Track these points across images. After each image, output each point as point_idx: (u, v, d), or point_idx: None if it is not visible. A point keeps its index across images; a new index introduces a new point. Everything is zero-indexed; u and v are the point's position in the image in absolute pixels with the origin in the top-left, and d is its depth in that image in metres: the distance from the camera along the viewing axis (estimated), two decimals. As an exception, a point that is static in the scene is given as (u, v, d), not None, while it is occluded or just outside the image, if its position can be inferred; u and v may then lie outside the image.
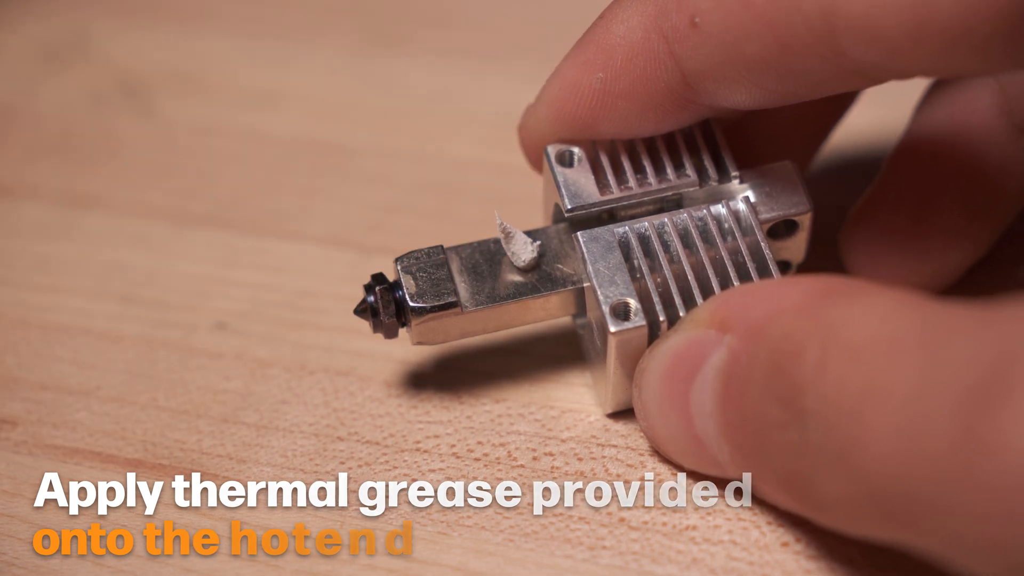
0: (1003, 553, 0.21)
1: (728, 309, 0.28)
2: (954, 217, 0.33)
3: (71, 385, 0.35)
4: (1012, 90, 0.33)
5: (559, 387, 0.33)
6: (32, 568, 0.30)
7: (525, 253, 0.32)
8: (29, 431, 0.34)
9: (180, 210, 0.40)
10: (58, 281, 0.38)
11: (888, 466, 0.23)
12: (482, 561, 0.30)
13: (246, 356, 0.35)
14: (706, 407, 0.28)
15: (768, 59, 0.28)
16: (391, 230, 0.39)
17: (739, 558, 0.29)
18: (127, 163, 0.42)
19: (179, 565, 0.30)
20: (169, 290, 0.38)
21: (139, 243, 0.39)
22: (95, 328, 0.36)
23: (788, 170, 0.33)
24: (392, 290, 0.31)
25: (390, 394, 0.34)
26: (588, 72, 0.31)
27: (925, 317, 0.23)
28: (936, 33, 0.25)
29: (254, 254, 0.38)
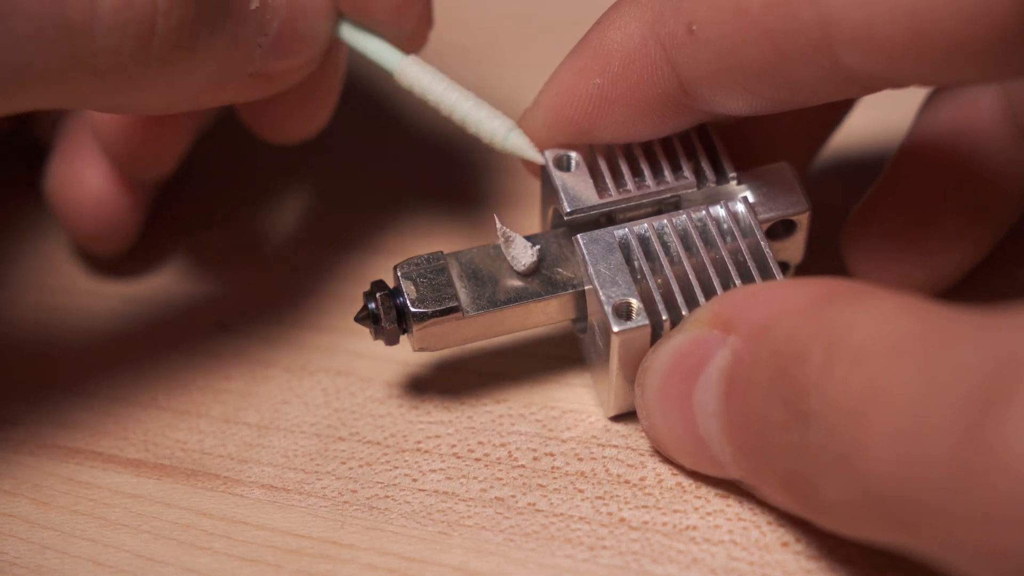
0: (1003, 558, 0.21)
1: (732, 310, 0.28)
2: (955, 219, 0.33)
3: (72, 385, 0.35)
4: (1015, 94, 0.33)
5: (560, 388, 0.34)
6: (33, 568, 0.30)
7: (525, 257, 0.32)
8: (30, 431, 0.34)
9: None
10: (59, 281, 0.38)
11: (889, 469, 0.23)
12: (483, 561, 0.30)
13: (247, 356, 0.35)
14: (709, 407, 0.28)
15: (765, 67, 0.28)
16: (390, 233, 0.39)
17: (739, 558, 0.29)
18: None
19: (179, 565, 0.30)
20: (171, 290, 0.38)
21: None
22: (97, 327, 0.37)
23: (785, 171, 0.33)
24: (393, 296, 0.31)
25: (391, 394, 0.34)
26: (585, 78, 0.31)
27: (928, 321, 0.24)
28: (934, 43, 0.25)
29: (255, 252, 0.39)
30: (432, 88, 0.33)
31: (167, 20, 0.27)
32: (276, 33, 0.31)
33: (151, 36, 0.27)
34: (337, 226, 0.39)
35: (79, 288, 0.38)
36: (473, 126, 0.32)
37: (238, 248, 0.39)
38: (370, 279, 0.32)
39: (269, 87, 0.32)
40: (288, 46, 0.32)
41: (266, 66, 0.31)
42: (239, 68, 0.31)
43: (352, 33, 0.33)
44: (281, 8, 0.31)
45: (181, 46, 0.28)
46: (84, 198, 0.36)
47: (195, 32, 0.28)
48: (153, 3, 0.27)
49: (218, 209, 0.40)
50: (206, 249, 0.39)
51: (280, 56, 0.32)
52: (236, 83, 0.31)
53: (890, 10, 0.25)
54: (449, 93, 0.33)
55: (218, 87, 0.30)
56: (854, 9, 0.25)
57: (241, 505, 0.32)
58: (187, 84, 0.29)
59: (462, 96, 0.32)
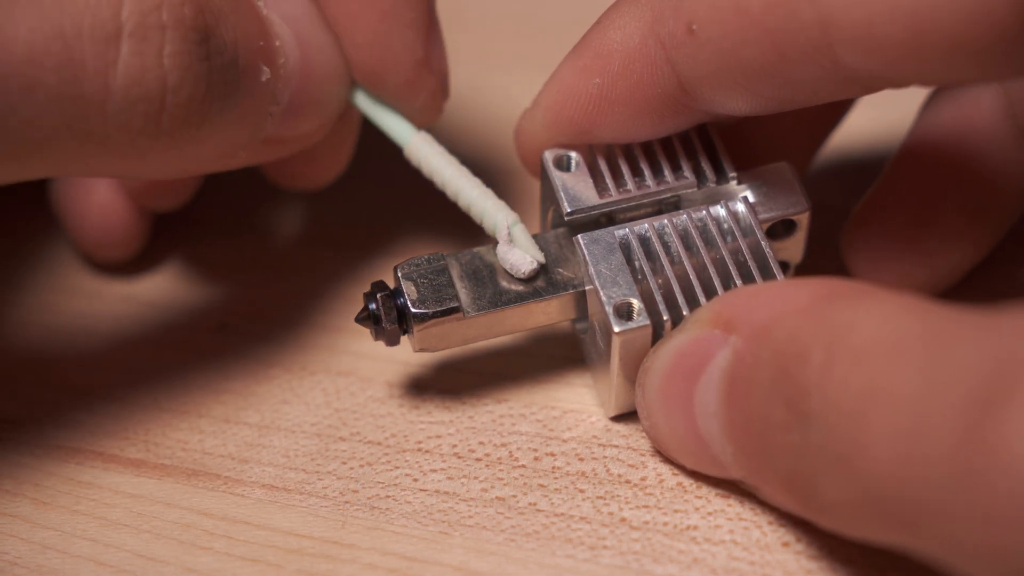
0: (1003, 558, 0.21)
1: (733, 310, 0.28)
2: (956, 219, 0.33)
3: (73, 385, 0.35)
4: (1015, 93, 0.33)
5: (561, 387, 0.34)
6: (34, 568, 0.30)
7: (524, 266, 0.32)
8: (31, 431, 0.34)
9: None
10: (60, 281, 0.38)
11: (889, 469, 0.23)
12: (483, 561, 0.30)
13: (247, 356, 0.35)
14: (710, 407, 0.28)
15: (765, 67, 0.28)
16: (390, 233, 0.39)
17: (740, 558, 0.29)
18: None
19: (180, 565, 0.30)
20: (172, 290, 0.38)
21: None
22: (98, 328, 0.37)
23: (784, 171, 0.33)
24: (393, 297, 0.31)
25: (392, 394, 0.34)
26: (585, 77, 0.31)
27: (929, 321, 0.24)
28: (934, 43, 0.25)
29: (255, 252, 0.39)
30: (440, 171, 0.33)
31: (176, 97, 0.28)
32: (288, 102, 0.31)
33: (161, 112, 0.28)
34: (338, 227, 0.39)
35: (80, 288, 0.38)
36: (477, 215, 0.33)
37: (239, 248, 0.39)
38: (370, 280, 0.32)
39: (283, 150, 0.33)
40: (300, 113, 0.32)
41: (279, 132, 0.32)
42: (250, 137, 0.31)
43: (366, 102, 0.34)
44: (293, 78, 0.31)
45: (190, 122, 0.28)
46: (90, 207, 0.37)
47: (204, 108, 0.29)
48: (163, 80, 0.27)
49: (219, 210, 0.40)
50: (207, 250, 0.39)
51: (292, 122, 0.32)
52: (248, 150, 0.31)
53: (890, 10, 0.25)
54: (456, 180, 0.33)
55: (229, 155, 0.31)
56: (854, 9, 0.25)
57: (242, 505, 0.32)
58: (196, 154, 0.30)
59: (468, 184, 0.33)
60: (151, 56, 0.27)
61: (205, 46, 0.28)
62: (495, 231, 0.32)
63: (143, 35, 0.27)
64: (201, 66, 0.28)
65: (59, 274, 0.38)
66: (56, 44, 0.26)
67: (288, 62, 0.31)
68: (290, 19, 0.32)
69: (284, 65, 0.31)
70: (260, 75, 0.30)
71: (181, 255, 0.39)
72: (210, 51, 0.28)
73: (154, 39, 0.27)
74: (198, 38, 0.28)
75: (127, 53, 0.27)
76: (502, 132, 0.38)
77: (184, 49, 0.28)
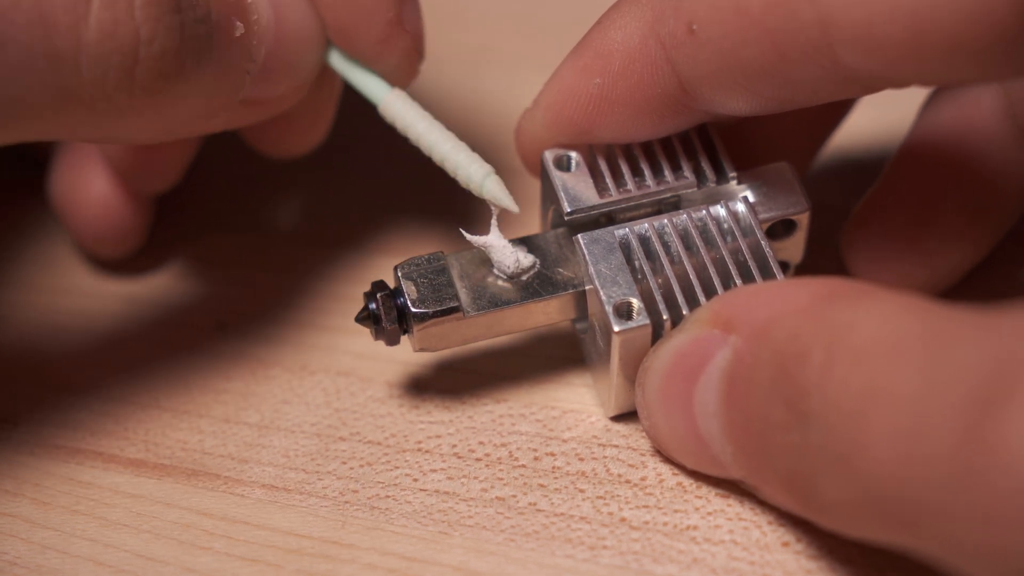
0: (1002, 558, 0.21)
1: (732, 309, 0.28)
2: (956, 219, 0.33)
3: (73, 385, 0.35)
4: (1015, 94, 0.33)
5: (560, 387, 0.34)
6: (33, 568, 0.30)
7: (509, 261, 0.32)
8: (31, 431, 0.34)
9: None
10: (60, 281, 0.38)
11: (889, 469, 0.23)
12: (483, 561, 0.30)
13: (247, 356, 0.35)
14: (709, 407, 0.28)
15: (765, 67, 0.28)
16: (390, 233, 0.39)
17: (740, 558, 0.29)
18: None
19: (180, 565, 0.30)
20: (171, 290, 0.38)
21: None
22: (98, 328, 0.37)
23: (784, 171, 0.33)
24: (393, 297, 0.31)
25: (392, 394, 0.34)
26: (585, 77, 0.31)
27: (929, 321, 0.24)
28: (934, 43, 0.25)
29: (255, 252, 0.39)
30: (413, 126, 0.33)
31: (150, 49, 0.28)
32: (264, 60, 0.31)
33: (135, 65, 0.28)
34: (338, 226, 0.39)
35: (80, 288, 0.38)
36: (451, 168, 0.32)
37: (239, 248, 0.39)
38: (370, 279, 0.32)
39: (262, 112, 0.33)
40: (277, 73, 0.32)
41: (256, 92, 0.32)
42: (228, 95, 0.31)
43: (341, 62, 0.34)
44: (267, 35, 0.31)
45: (165, 75, 0.28)
46: (89, 202, 0.37)
47: (179, 61, 0.28)
48: (135, 33, 0.27)
49: (219, 209, 0.40)
50: (207, 249, 0.39)
51: (269, 82, 0.32)
52: (227, 110, 0.31)
53: (890, 10, 0.25)
54: (429, 133, 0.33)
55: (209, 115, 0.31)
56: (854, 9, 0.25)
57: (242, 505, 0.32)
58: (176, 113, 0.30)
59: (442, 137, 0.32)
60: (122, 9, 0.27)
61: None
62: (468, 184, 0.32)
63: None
64: (173, 18, 0.28)
65: (59, 274, 0.38)
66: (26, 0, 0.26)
67: (261, 19, 0.31)
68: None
69: (257, 21, 0.31)
70: (234, 30, 0.30)
71: (181, 255, 0.39)
72: (181, 4, 0.28)
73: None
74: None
75: (98, 7, 0.27)
76: (502, 131, 0.38)
77: (155, 1, 0.27)
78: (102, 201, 0.37)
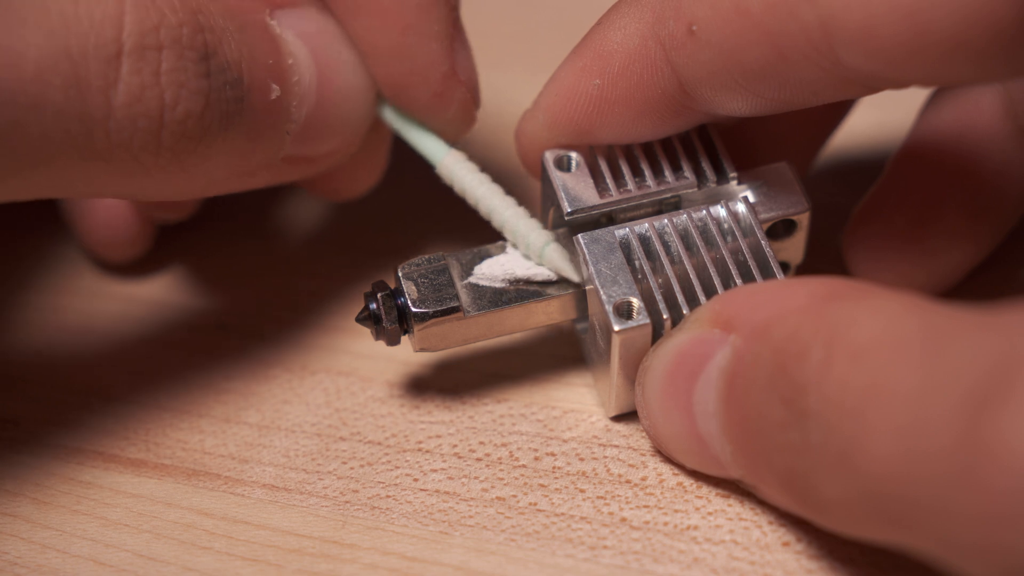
0: (1001, 556, 0.22)
1: (732, 309, 0.28)
2: (956, 219, 0.33)
3: (74, 385, 0.35)
4: (1016, 94, 0.33)
5: (561, 387, 0.34)
6: (34, 567, 0.30)
7: (498, 273, 0.32)
8: (31, 431, 0.34)
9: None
10: (61, 281, 0.38)
11: (888, 467, 0.23)
12: (483, 560, 0.30)
13: (248, 356, 0.35)
14: (709, 406, 0.28)
15: (765, 68, 0.28)
16: (391, 233, 0.39)
17: (740, 558, 0.29)
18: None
19: (180, 564, 0.30)
20: (172, 290, 0.38)
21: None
22: (98, 327, 0.37)
23: (785, 171, 0.33)
24: (394, 296, 0.31)
25: (392, 394, 0.34)
26: (585, 78, 0.31)
27: (928, 319, 0.24)
28: (934, 43, 0.25)
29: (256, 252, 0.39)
30: (472, 190, 0.33)
31: (173, 114, 0.28)
32: (306, 120, 0.31)
33: (160, 129, 0.28)
34: (338, 226, 0.39)
35: (81, 289, 0.38)
36: (510, 236, 0.32)
37: (240, 248, 0.39)
38: (371, 279, 0.32)
39: (309, 168, 0.33)
40: (322, 132, 0.32)
41: (299, 151, 0.32)
42: (266, 155, 0.31)
43: (395, 119, 0.34)
44: (308, 95, 0.31)
45: (190, 137, 0.29)
46: (98, 207, 0.37)
47: (204, 125, 0.29)
48: (160, 97, 0.28)
49: (220, 210, 0.40)
50: (208, 250, 0.39)
51: (313, 141, 0.32)
52: (267, 169, 0.32)
53: (890, 10, 0.25)
54: (489, 199, 0.33)
55: (247, 173, 0.31)
56: (854, 10, 0.25)
57: (242, 505, 0.32)
58: (207, 172, 0.30)
59: (502, 204, 0.32)
60: (149, 74, 0.28)
61: (205, 64, 0.29)
62: (527, 251, 0.32)
63: (141, 54, 0.28)
64: (199, 83, 0.29)
65: (61, 274, 0.38)
66: (63, 63, 0.27)
67: (303, 80, 0.31)
68: (306, 37, 0.32)
69: (298, 83, 0.31)
70: (270, 93, 0.30)
71: (182, 255, 0.39)
72: (211, 69, 0.29)
73: (151, 58, 0.28)
74: (196, 56, 0.28)
75: (127, 72, 0.28)
76: (503, 132, 0.38)
77: (180, 67, 0.28)
78: (111, 207, 0.37)
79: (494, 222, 0.33)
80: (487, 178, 0.33)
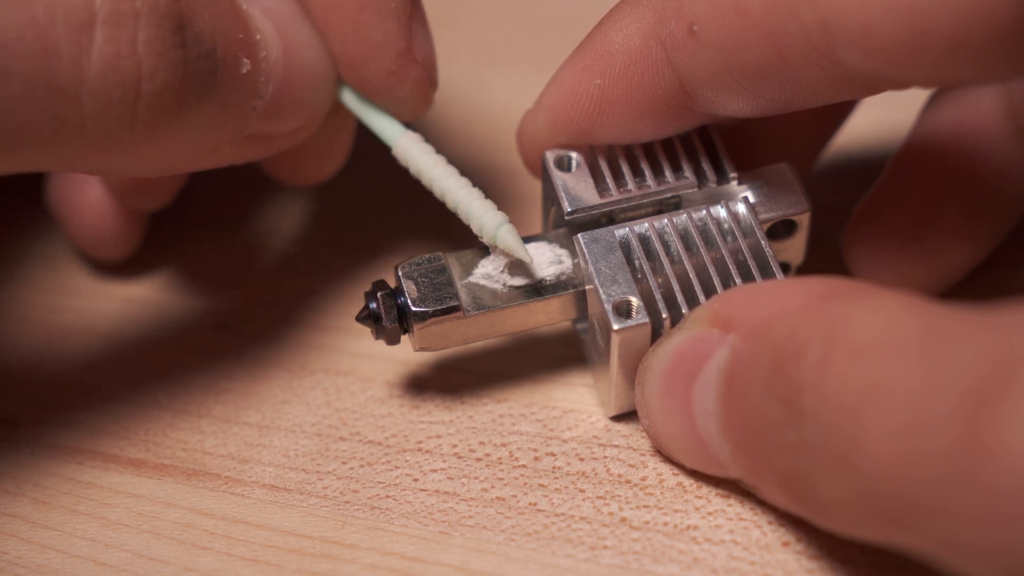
0: (1000, 556, 0.21)
1: (731, 308, 0.28)
2: (957, 219, 0.33)
3: (73, 385, 0.35)
4: (1017, 94, 0.33)
5: (561, 387, 0.34)
6: (34, 567, 0.30)
7: (495, 273, 0.32)
8: (31, 431, 0.34)
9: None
10: (60, 281, 0.38)
11: (887, 467, 0.23)
12: (483, 560, 0.30)
13: (247, 356, 0.35)
14: (708, 406, 0.28)
15: (765, 68, 0.28)
16: (390, 233, 0.39)
17: (740, 558, 0.29)
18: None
19: (180, 564, 0.30)
20: (172, 290, 0.38)
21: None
22: (98, 327, 0.37)
23: (785, 171, 0.33)
24: (394, 296, 0.31)
25: (392, 394, 0.34)
26: (586, 78, 0.31)
27: (926, 319, 0.24)
28: (934, 43, 0.25)
29: (255, 251, 0.39)
30: (427, 171, 0.32)
31: (151, 85, 0.27)
32: (271, 97, 0.31)
33: (136, 100, 0.27)
34: (338, 226, 0.39)
35: (80, 288, 0.38)
36: (464, 216, 0.32)
37: (239, 248, 0.39)
38: (371, 279, 0.32)
39: (270, 147, 0.32)
40: (285, 110, 0.32)
41: (263, 128, 0.31)
42: (233, 131, 0.31)
43: (353, 100, 0.33)
44: (275, 71, 0.31)
45: (167, 110, 0.28)
46: (86, 207, 0.37)
47: (181, 96, 0.28)
48: (138, 67, 0.27)
49: (219, 209, 0.40)
50: (207, 249, 0.39)
51: (277, 119, 0.32)
52: (232, 146, 0.31)
53: (890, 11, 0.25)
54: (443, 179, 0.32)
55: (212, 150, 0.31)
56: (854, 10, 0.25)
57: (242, 505, 0.32)
58: (177, 148, 0.29)
59: (456, 184, 0.32)
60: (125, 43, 0.27)
61: (180, 34, 0.28)
62: (480, 232, 0.32)
63: (117, 22, 0.27)
64: (176, 54, 0.28)
65: (59, 274, 0.38)
66: (30, 31, 0.26)
67: (270, 55, 0.31)
68: (272, 13, 0.31)
69: (266, 58, 0.30)
70: (240, 67, 0.30)
71: (181, 255, 0.39)
72: (186, 40, 0.28)
73: (128, 26, 0.27)
74: (173, 25, 0.28)
75: (101, 40, 0.27)
76: (503, 131, 0.38)
77: (158, 36, 0.27)
78: (97, 206, 0.36)
79: (448, 204, 0.32)
80: (443, 159, 0.32)
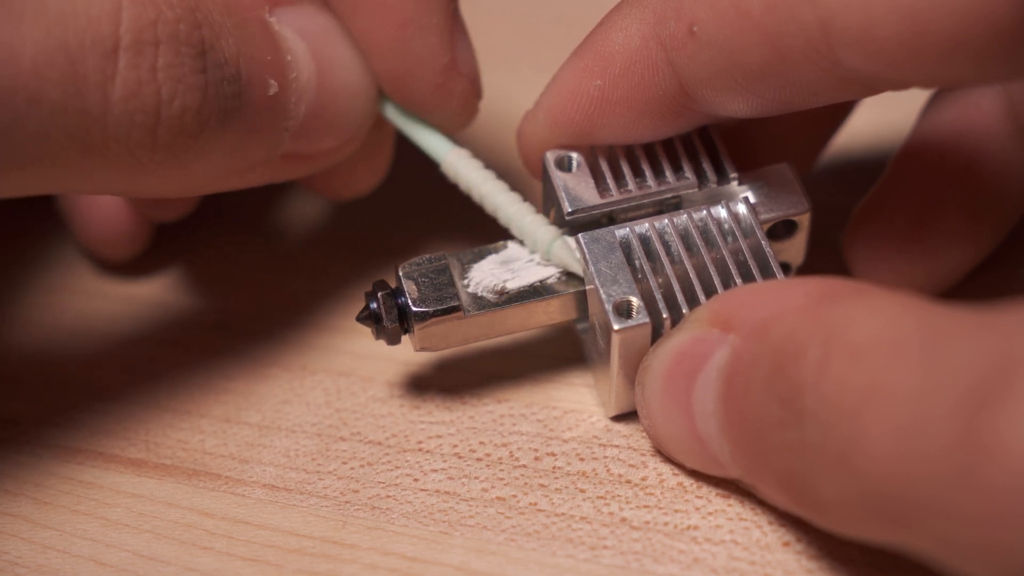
0: (1000, 557, 0.21)
1: (731, 309, 0.28)
2: (957, 219, 0.33)
3: (74, 385, 0.35)
4: (1016, 95, 0.33)
5: (561, 387, 0.34)
6: (34, 567, 0.30)
7: (489, 281, 0.32)
8: (31, 431, 0.34)
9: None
10: (61, 281, 0.38)
11: (886, 467, 0.23)
12: (484, 560, 0.30)
13: (248, 356, 0.35)
14: (708, 406, 0.28)
15: (765, 69, 0.28)
16: (391, 233, 0.39)
17: (740, 558, 0.29)
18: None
19: (181, 564, 0.30)
20: (172, 290, 0.38)
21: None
22: (98, 327, 0.37)
23: (785, 171, 0.33)
24: (394, 296, 0.31)
25: (392, 394, 0.34)
26: (586, 79, 0.31)
27: (926, 319, 0.24)
28: (933, 44, 0.25)
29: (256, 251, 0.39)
30: (477, 187, 0.33)
31: (171, 109, 0.28)
32: (305, 117, 0.31)
33: (157, 124, 0.28)
34: (338, 226, 0.39)
35: (81, 288, 0.38)
36: (517, 231, 0.32)
37: (239, 248, 0.39)
38: (371, 279, 0.32)
39: (309, 166, 0.33)
40: (321, 129, 0.32)
41: (299, 148, 0.32)
42: (264, 152, 0.31)
43: (397, 116, 0.33)
44: (308, 92, 0.31)
45: (188, 133, 0.29)
46: (95, 206, 0.37)
47: (202, 120, 0.29)
48: (157, 93, 0.28)
49: (220, 209, 0.40)
50: (208, 250, 0.39)
51: (314, 138, 0.32)
52: (266, 166, 0.31)
53: (890, 11, 0.25)
54: (495, 195, 0.32)
55: (244, 170, 0.31)
56: (854, 10, 0.25)
57: (242, 505, 0.32)
58: (204, 169, 0.30)
59: (507, 200, 0.32)
60: (146, 70, 0.28)
61: (202, 59, 0.29)
62: (534, 247, 0.32)
63: (138, 49, 0.28)
64: (197, 79, 0.28)
65: (60, 274, 0.38)
66: (60, 57, 0.27)
67: (300, 76, 0.31)
68: (306, 34, 0.32)
69: (296, 79, 0.31)
70: (267, 89, 0.30)
71: (182, 255, 0.39)
72: (207, 64, 0.29)
73: (148, 53, 0.28)
74: (193, 52, 0.28)
75: (124, 67, 0.27)
76: (503, 132, 0.38)
77: (178, 62, 0.28)
78: (109, 205, 0.37)
79: (500, 218, 0.33)
80: (492, 174, 0.33)
